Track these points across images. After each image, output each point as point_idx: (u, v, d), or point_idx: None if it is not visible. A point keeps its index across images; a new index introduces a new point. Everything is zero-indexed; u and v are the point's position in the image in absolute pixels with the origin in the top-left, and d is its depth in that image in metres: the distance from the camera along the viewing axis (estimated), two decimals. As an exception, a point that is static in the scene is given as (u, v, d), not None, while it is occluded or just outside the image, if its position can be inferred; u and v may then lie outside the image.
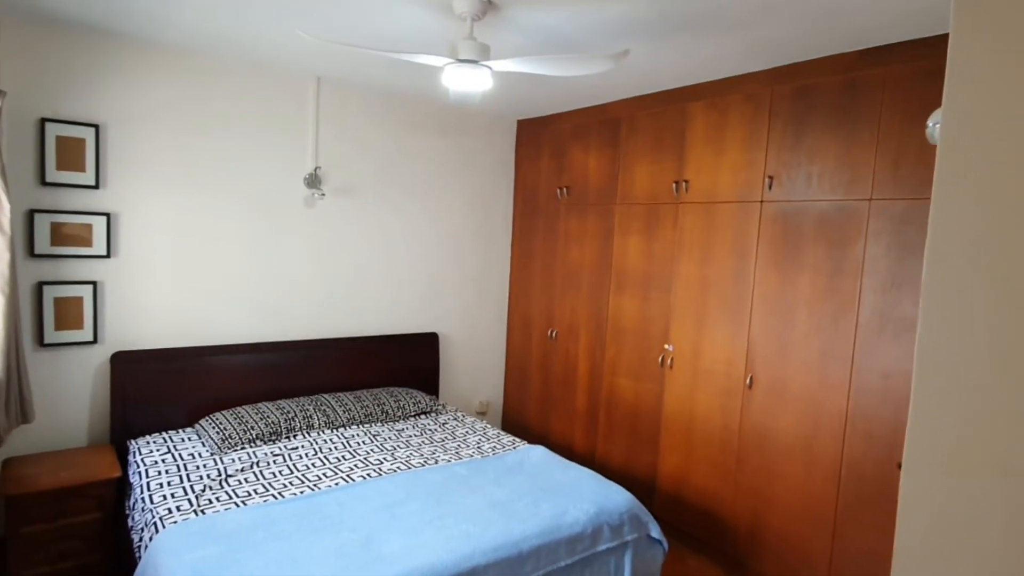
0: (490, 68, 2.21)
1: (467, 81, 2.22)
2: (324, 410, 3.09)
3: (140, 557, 2.08)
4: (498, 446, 3.03)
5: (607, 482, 2.59)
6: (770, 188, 2.79)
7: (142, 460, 2.56)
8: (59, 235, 2.70)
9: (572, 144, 3.81)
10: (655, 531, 2.48)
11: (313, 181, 3.35)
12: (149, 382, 2.88)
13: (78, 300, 2.77)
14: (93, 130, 2.74)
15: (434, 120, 3.85)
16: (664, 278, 3.25)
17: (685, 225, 3.15)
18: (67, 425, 2.80)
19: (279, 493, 2.34)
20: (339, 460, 2.68)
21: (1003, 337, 0.62)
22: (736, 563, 2.94)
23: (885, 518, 2.42)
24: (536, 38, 2.47)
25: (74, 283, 2.75)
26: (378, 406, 3.26)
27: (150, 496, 2.28)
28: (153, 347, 2.96)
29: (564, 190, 3.85)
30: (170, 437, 2.83)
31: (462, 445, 3.00)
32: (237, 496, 2.30)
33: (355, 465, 2.64)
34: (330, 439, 2.90)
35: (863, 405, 2.49)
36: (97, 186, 2.77)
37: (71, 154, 2.71)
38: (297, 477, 2.49)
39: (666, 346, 3.24)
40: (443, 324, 4.05)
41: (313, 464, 2.63)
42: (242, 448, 2.72)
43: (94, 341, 2.82)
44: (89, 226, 2.77)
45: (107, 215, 2.80)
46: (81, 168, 2.73)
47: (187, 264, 3.04)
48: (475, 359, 4.25)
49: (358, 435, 2.99)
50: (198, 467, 2.53)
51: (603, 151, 3.60)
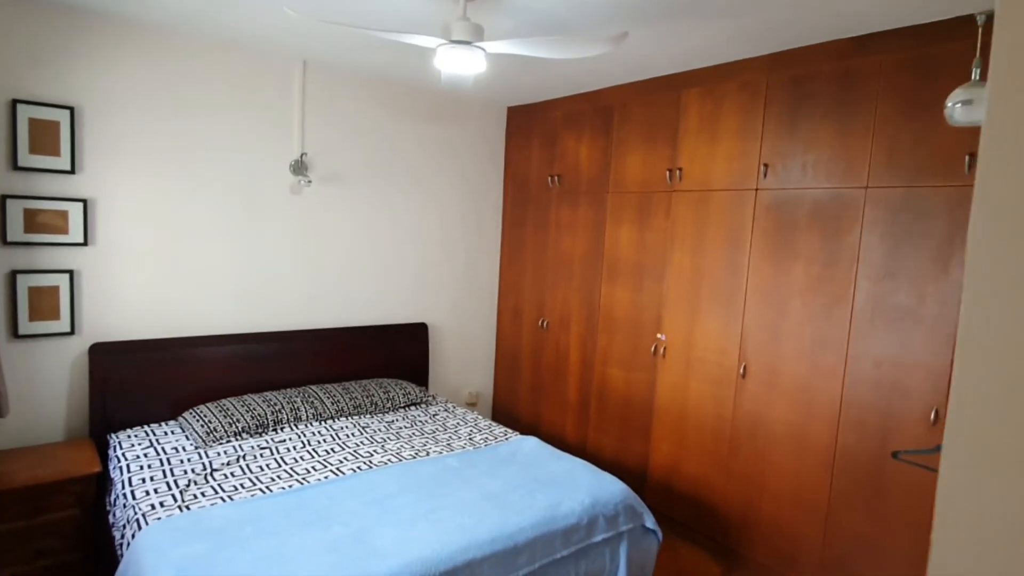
0: (484, 50, 2.15)
1: (460, 63, 2.16)
2: (312, 402, 3.02)
3: (122, 555, 2.02)
4: (490, 437, 2.99)
5: (601, 472, 2.57)
6: (765, 176, 2.76)
7: (123, 455, 2.48)
8: (33, 222, 2.60)
9: (564, 132, 3.76)
10: (650, 521, 2.46)
11: (299, 168, 3.26)
12: (129, 374, 2.79)
13: (54, 289, 2.66)
14: (68, 112, 2.63)
15: (423, 106, 3.77)
16: (657, 267, 3.23)
17: (678, 214, 3.12)
18: (44, 419, 2.70)
19: (267, 487, 2.28)
20: (328, 453, 2.63)
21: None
22: (728, 551, 2.94)
23: (878, 505, 2.43)
24: (529, 20, 2.41)
25: (50, 272, 2.65)
26: (367, 397, 3.20)
27: (132, 491, 2.21)
28: (133, 338, 2.86)
29: (556, 178, 3.79)
30: (152, 431, 2.75)
31: (453, 436, 2.96)
32: (223, 491, 2.23)
33: (345, 458, 2.58)
34: (318, 431, 2.84)
35: (856, 394, 2.49)
36: (73, 171, 2.66)
37: (45, 137, 2.59)
38: (285, 471, 2.43)
39: (659, 335, 3.22)
40: (433, 314, 3.99)
41: (301, 457, 2.57)
42: (228, 441, 2.65)
43: (71, 332, 2.72)
44: (65, 213, 2.66)
45: (84, 201, 2.69)
46: (56, 152, 2.62)
47: (168, 252, 2.95)
48: (465, 350, 4.21)
49: (347, 427, 2.93)
50: (182, 461, 2.46)
51: (595, 139, 3.55)
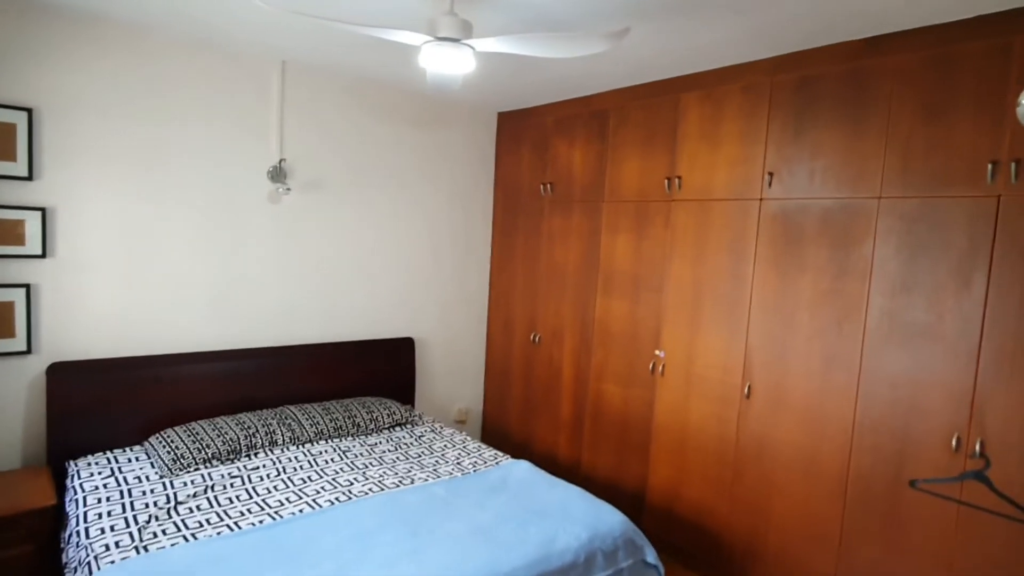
0: (472, 48, 1.99)
1: (447, 62, 2.00)
2: (289, 424, 2.83)
3: (71, 602, 1.82)
4: (479, 461, 2.81)
5: (598, 501, 2.39)
6: (770, 185, 2.61)
7: (80, 485, 2.28)
8: (-15, 232, 2.41)
9: (556, 138, 3.60)
10: (651, 555, 2.29)
11: (278, 175, 3.08)
12: (92, 396, 2.59)
13: (8, 305, 2.47)
14: (25, 114, 2.44)
15: (410, 111, 3.61)
16: (655, 279, 3.07)
17: (678, 224, 2.96)
18: (-3, 445, 2.50)
19: (235, 523, 2.08)
20: (304, 482, 2.43)
21: None
22: (732, 582, 2.78)
23: (896, 537, 2.27)
24: (521, 18, 2.25)
25: (4, 286, 2.45)
26: (349, 418, 3.01)
27: (86, 529, 2.01)
28: (97, 356, 2.66)
29: (548, 186, 3.64)
30: (115, 457, 2.54)
31: (440, 461, 2.77)
32: (187, 527, 2.04)
33: (322, 488, 2.39)
34: (295, 457, 2.65)
35: (871, 416, 2.34)
36: (30, 177, 2.47)
37: (0, 141, 2.41)
38: (256, 503, 2.24)
39: (657, 351, 3.06)
40: (419, 328, 3.81)
41: (275, 487, 2.38)
42: (195, 469, 2.45)
43: (28, 351, 2.52)
44: (21, 222, 2.47)
45: (42, 210, 2.50)
46: (11, 157, 2.43)
47: (136, 265, 2.75)
48: (454, 365, 4.02)
49: (326, 451, 2.74)
50: (144, 492, 2.26)
51: (589, 145, 3.40)
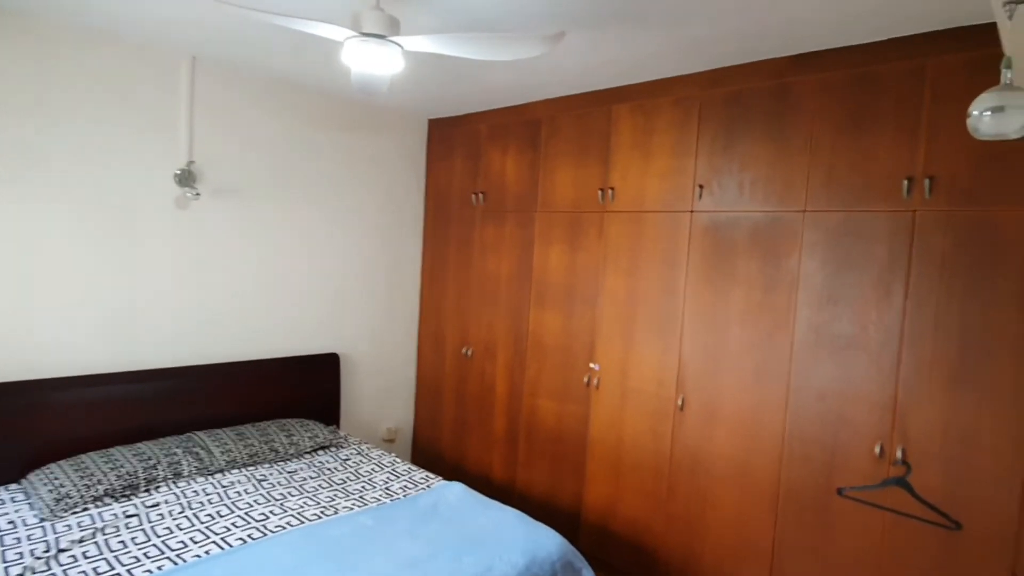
0: (400, 46, 1.87)
1: (372, 60, 1.86)
2: (196, 452, 2.57)
3: None
4: (409, 484, 2.65)
5: (535, 524, 2.29)
6: (700, 197, 2.63)
7: (-64, 536, 1.95)
8: None
9: (489, 146, 3.52)
10: (589, 577, 2.21)
11: (187, 178, 2.82)
12: (-45, 429, 2.25)
13: None
14: None
15: (336, 115, 3.42)
16: (589, 291, 3.03)
17: (611, 235, 2.94)
18: None
19: (128, 571, 1.83)
20: (212, 518, 2.19)
21: None
22: (669, 598, 2.75)
23: (825, 548, 2.30)
24: (452, 20, 2.15)
25: None
26: (266, 443, 2.78)
27: (-60, 589, 1.71)
28: (-37, 383, 2.32)
29: (480, 195, 3.54)
30: (-16, 499, 2.21)
31: (367, 486, 2.59)
32: (68, 580, 1.77)
33: (232, 524, 2.16)
34: (203, 490, 2.40)
35: (800, 427, 2.37)
36: None
37: None
38: (155, 546, 1.98)
39: (592, 365, 3.01)
40: (345, 343, 3.60)
41: (178, 526, 2.12)
42: (84, 510, 2.16)
43: None
44: None
45: None
46: None
47: (14, 279, 2.42)
48: (382, 381, 3.83)
49: (239, 482, 2.50)
50: (19, 540, 1.96)
51: (522, 154, 3.33)
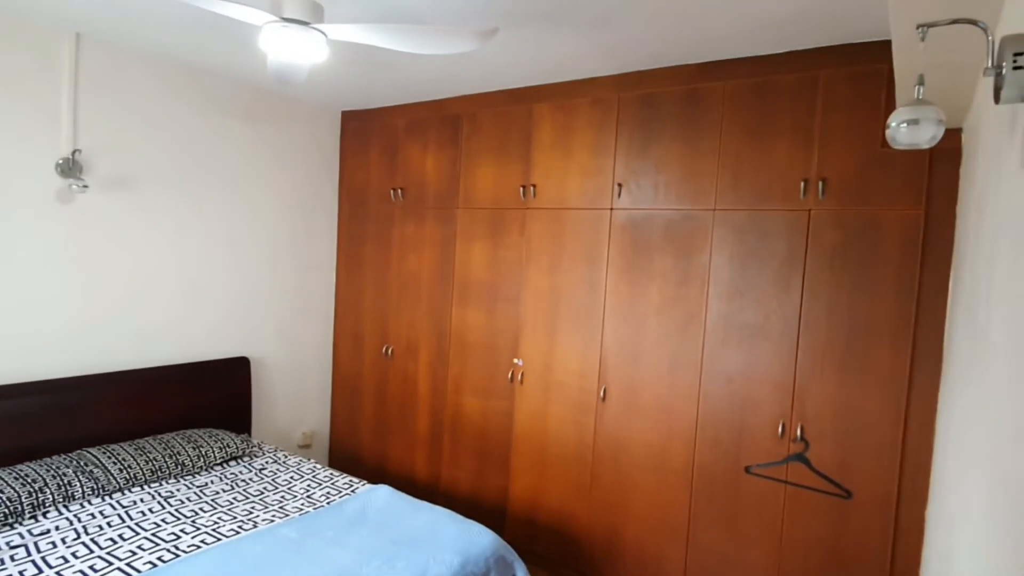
0: (324, 34, 1.79)
1: (293, 48, 1.77)
2: (91, 471, 2.33)
3: None
4: (332, 491, 2.55)
5: (466, 522, 2.29)
6: (619, 196, 2.73)
7: None
8: None
9: (407, 141, 3.45)
10: (521, 571, 2.24)
11: (71, 168, 2.54)
12: None
13: None
14: None
15: (241, 104, 3.22)
16: (512, 288, 3.06)
17: (534, 232, 2.98)
18: None
19: (17, 608, 1.64)
20: (114, 542, 2.00)
21: None
22: (593, 582, 2.84)
23: (735, 521, 2.47)
24: (378, 11, 2.09)
25: None
26: (170, 457, 2.57)
27: None
28: None
29: (398, 191, 3.47)
30: None
31: (287, 496, 2.47)
32: (-58, 625, 1.56)
33: (138, 547, 1.98)
34: (100, 512, 2.18)
35: (711, 411, 2.53)
36: None
37: None
38: (48, 578, 1.79)
39: (515, 360, 3.05)
40: (256, 346, 3.40)
41: (74, 553, 1.92)
42: (-46, 544, 1.90)
43: None
44: None
45: None
46: None
47: None
48: (296, 384, 3.66)
49: (142, 500, 2.30)
50: None
51: (442, 150, 3.30)
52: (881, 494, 2.19)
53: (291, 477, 2.67)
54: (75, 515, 2.14)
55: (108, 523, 2.11)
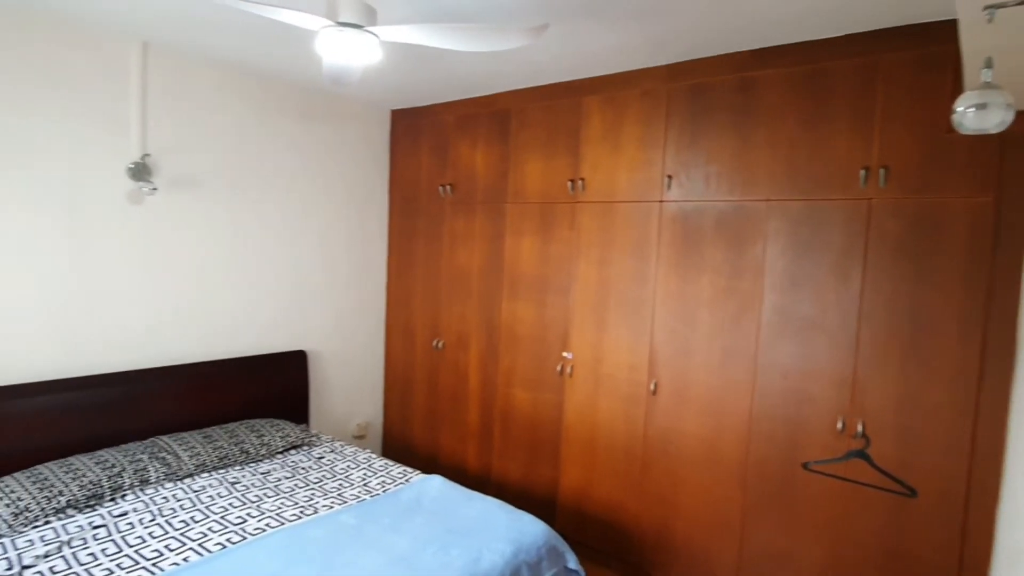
0: (376, 36, 1.84)
1: (347, 51, 1.83)
2: (163, 457, 2.47)
3: None
4: (387, 480, 2.63)
5: (518, 512, 2.33)
6: (669, 188, 2.70)
7: None
8: None
9: (456, 137, 3.50)
10: (572, 561, 2.26)
11: (140, 172, 2.69)
12: None
13: None
14: None
15: (297, 104, 3.33)
16: (561, 281, 3.07)
17: (583, 225, 2.98)
18: None
19: (104, 583, 1.76)
20: (187, 524, 2.12)
21: None
22: (644, 574, 2.83)
23: (791, 517, 2.42)
24: (426, 10, 2.12)
25: None
26: (236, 445, 2.70)
27: None
28: (-98, 395, 2.16)
29: (448, 187, 3.52)
30: (-67, 517, 2.07)
31: (345, 484, 2.56)
32: (39, 596, 1.69)
33: (209, 529, 2.10)
34: (173, 495, 2.32)
35: (765, 405, 2.48)
36: None
37: None
38: (129, 556, 1.91)
39: (565, 354, 3.06)
40: (312, 340, 3.53)
41: (151, 534, 2.05)
42: (45, 523, 2.05)
43: None
44: None
45: None
46: None
47: (-46, 280, 2.27)
48: (350, 377, 3.78)
49: (211, 486, 2.43)
50: (-23, 558, 1.85)
51: (491, 146, 3.33)
52: (948, 492, 2.11)
53: (348, 466, 2.76)
54: (150, 498, 2.28)
55: (181, 506, 2.25)
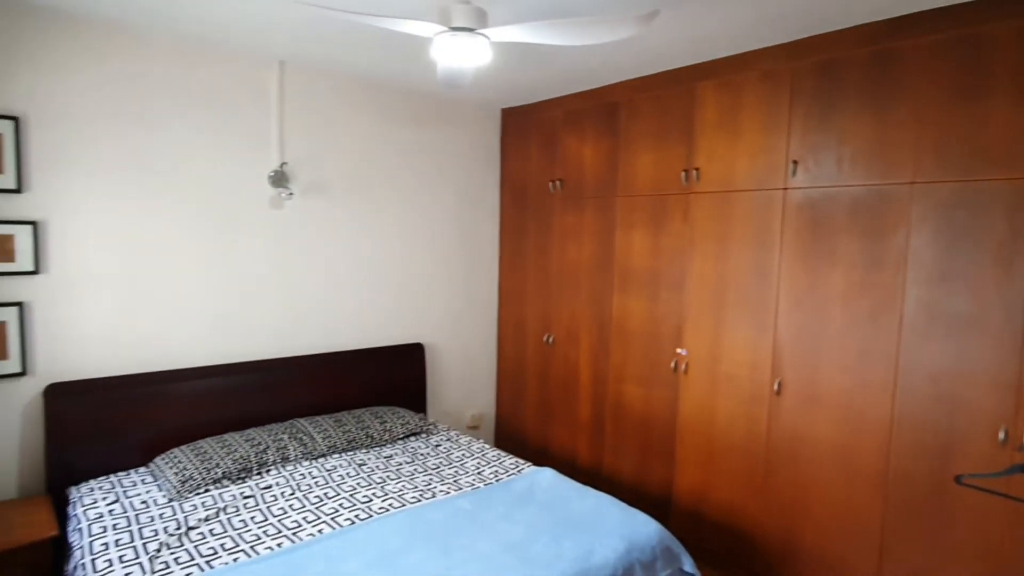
0: (487, 38, 1.88)
1: (461, 53, 1.89)
2: (300, 438, 2.71)
3: (81, 642, 1.70)
4: (500, 470, 2.70)
5: (631, 510, 2.29)
6: (794, 174, 2.52)
7: (83, 513, 2.15)
8: (-27, 249, 2.27)
9: (564, 132, 3.50)
10: (688, 564, 2.19)
11: (280, 179, 2.96)
12: (92, 417, 2.46)
13: (0, 325, 2.33)
14: (12, 123, 2.31)
15: (411, 109, 3.49)
16: (675, 276, 2.97)
17: (697, 217, 2.86)
18: (-7, 473, 2.37)
19: (252, 548, 1.96)
20: (320, 500, 2.31)
21: None
22: (767, 586, 2.68)
23: (941, 535, 2.18)
24: (530, 8, 2.13)
25: (-5, 305, 2.32)
26: (362, 430, 2.90)
27: (93, 561, 1.88)
28: (95, 376, 2.53)
29: (557, 183, 3.53)
30: (119, 481, 2.41)
31: (460, 472, 2.66)
32: (200, 555, 1.92)
33: (340, 505, 2.27)
34: (309, 472, 2.53)
35: (910, 410, 2.25)
36: (19, 190, 2.34)
37: (-14, 152, 2.27)
38: (272, 525, 2.12)
39: (679, 350, 2.96)
40: (428, 333, 3.69)
41: (291, 506, 2.26)
42: (205, 491, 2.33)
43: (23, 373, 2.39)
44: (11, 237, 2.33)
45: (33, 224, 2.37)
46: (-1, 168, 2.31)
47: (132, 278, 2.62)
48: (465, 369, 3.91)
49: (341, 466, 2.62)
50: (152, 518, 2.13)
51: (600, 139, 3.29)
52: None
53: (463, 455, 2.86)
54: (290, 474, 2.51)
55: (316, 483, 2.45)
